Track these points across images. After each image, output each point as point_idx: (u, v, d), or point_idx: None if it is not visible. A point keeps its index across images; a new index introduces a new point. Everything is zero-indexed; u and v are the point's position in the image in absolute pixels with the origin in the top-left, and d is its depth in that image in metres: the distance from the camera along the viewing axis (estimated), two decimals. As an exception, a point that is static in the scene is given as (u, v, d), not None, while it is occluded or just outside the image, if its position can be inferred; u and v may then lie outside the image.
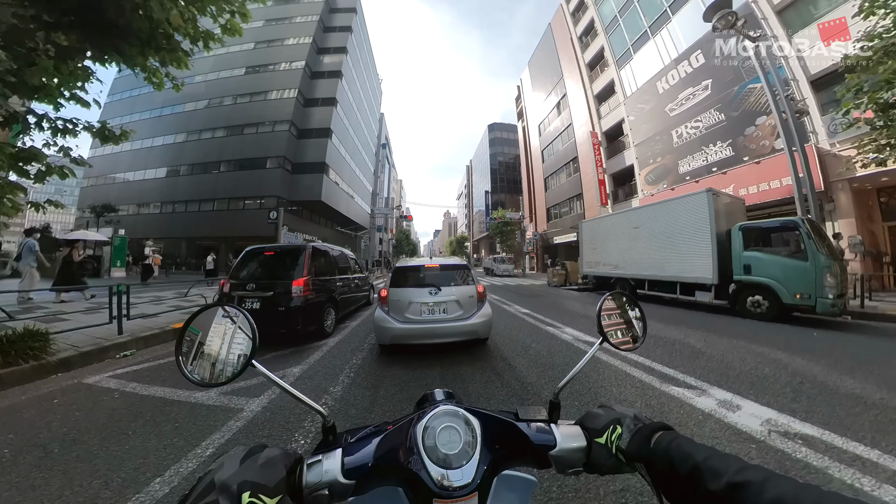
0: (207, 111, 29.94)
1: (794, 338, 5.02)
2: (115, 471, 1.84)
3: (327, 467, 0.42)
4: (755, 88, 12.59)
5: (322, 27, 33.00)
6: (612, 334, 0.68)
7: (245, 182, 27.10)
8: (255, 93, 29.44)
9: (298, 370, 3.64)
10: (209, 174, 28.39)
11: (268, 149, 27.49)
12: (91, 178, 32.10)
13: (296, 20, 32.59)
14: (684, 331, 5.47)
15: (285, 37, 31.66)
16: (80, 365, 3.72)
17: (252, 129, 28.44)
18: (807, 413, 2.47)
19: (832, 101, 10.04)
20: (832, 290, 5.83)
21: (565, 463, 0.47)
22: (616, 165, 21.97)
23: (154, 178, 30.05)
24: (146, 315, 5.65)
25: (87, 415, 2.57)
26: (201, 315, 0.54)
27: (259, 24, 31.44)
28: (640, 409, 2.28)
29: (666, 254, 8.80)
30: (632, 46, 20.04)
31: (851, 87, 6.65)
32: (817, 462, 1.87)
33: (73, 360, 3.69)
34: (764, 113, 12.45)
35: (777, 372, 3.41)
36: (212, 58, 29.01)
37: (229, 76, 30.66)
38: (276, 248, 5.61)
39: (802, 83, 11.38)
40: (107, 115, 29.72)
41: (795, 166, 8.63)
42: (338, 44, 33.28)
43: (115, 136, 4.16)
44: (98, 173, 31.04)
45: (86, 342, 4.18)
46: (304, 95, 29.52)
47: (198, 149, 29.12)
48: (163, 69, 4.28)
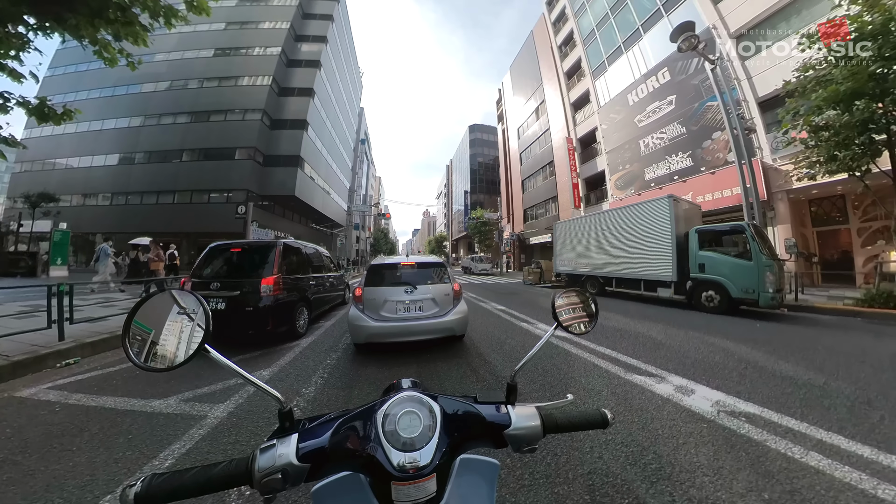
0: (169, 93, 27.56)
1: (740, 328, 5.58)
2: (56, 491, 1.67)
3: (281, 451, 0.42)
4: (713, 106, 13.76)
5: (301, 13, 31.53)
6: (566, 321, 0.75)
7: (211, 173, 25.28)
8: (224, 77, 27.51)
9: (268, 373, 3.48)
10: (169, 163, 26.16)
11: (237, 139, 25.83)
12: (26, 161, 28.49)
13: (272, 2, 30.88)
14: (647, 324, 5.88)
15: (260, 20, 29.88)
16: (10, 377, 3.29)
17: (220, 117, 26.58)
18: (749, 394, 2.76)
19: (775, 122, 11.19)
20: (772, 285, 6.58)
21: (521, 441, 0.50)
22: (589, 170, 23.04)
23: (104, 166, 27.19)
24: (93, 319, 5.03)
25: (20, 432, 2.29)
26: (150, 301, 0.52)
27: (231, 2, 29.46)
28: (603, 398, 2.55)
29: (632, 253, 9.41)
30: (607, 59, 21.09)
31: (790, 110, 7.49)
32: (757, 436, 2.09)
33: (2, 371, 3.26)
34: (719, 128, 13.64)
35: (726, 359, 3.78)
36: (176, 35, 26.72)
37: (196, 57, 28.40)
38: (244, 244, 5.31)
39: (751, 104, 12.61)
40: (46, 90, 26.41)
41: (744, 177, 9.56)
42: (317, 32, 31.97)
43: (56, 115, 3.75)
44: (34, 157, 27.57)
45: (18, 350, 3.70)
46: (278, 84, 28.06)
47: (157, 134, 26.71)
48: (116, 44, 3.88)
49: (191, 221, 24.42)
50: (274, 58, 27.79)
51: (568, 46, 25.99)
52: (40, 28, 3.43)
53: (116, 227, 26.08)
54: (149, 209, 25.78)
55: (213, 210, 24.38)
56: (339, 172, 41.56)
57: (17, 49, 3.39)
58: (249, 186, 24.76)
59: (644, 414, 2.43)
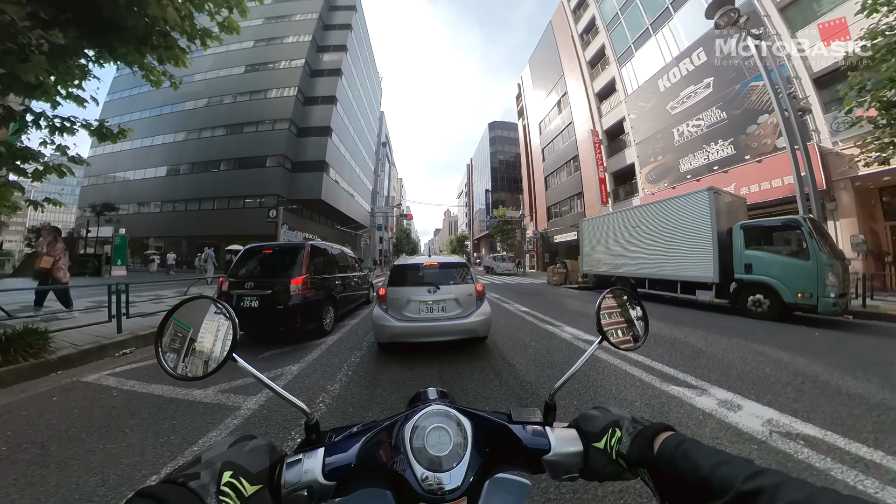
0: (207, 109, 29.92)
1: (795, 337, 4.99)
2: (112, 468, 1.85)
3: (307, 467, 0.41)
4: (757, 86, 12.53)
5: (322, 25, 32.89)
6: (611, 333, 0.64)
7: (245, 181, 27.11)
8: (254, 91, 29.39)
9: (297, 368, 3.64)
10: (209, 173, 28.40)
11: (268, 147, 27.48)
12: (91, 176, 32.14)
13: (295, 18, 32.47)
14: (684, 330, 5.46)
15: (285, 35, 31.57)
16: (79, 363, 3.73)
17: (252, 128, 28.42)
18: (809, 413, 2.43)
19: (835, 100, 9.99)
20: (834, 289, 5.79)
21: (560, 468, 0.45)
22: (617, 164, 21.91)
23: (154, 177, 30.08)
24: (145, 314, 5.65)
25: (85, 412, 2.58)
26: (184, 307, 0.53)
27: (258, 21, 31.34)
28: (637, 410, 2.20)
29: (667, 252, 8.78)
30: (633, 44, 19.94)
31: (854, 86, 6.60)
32: (819, 463, 1.83)
33: (72, 357, 3.70)
34: (766, 111, 12.39)
35: (778, 372, 3.39)
36: (211, 56, 28.96)
37: (229, 74, 30.61)
38: (275, 246, 5.59)
39: (805, 81, 11.31)
40: (106, 113, 29.73)
41: (797, 165, 8.59)
42: (337, 42, 33.17)
43: (112, 134, 4.15)
44: (98, 172, 31.09)
45: (85, 340, 4.18)
46: (303, 94, 29.46)
47: (198, 147, 29.12)
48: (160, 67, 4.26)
49: (228, 225, 26.38)
50: (298, 69, 29.22)
51: (590, 34, 24.88)
52: (97, 58, 3.84)
53: (165, 232, 28.80)
54: (193, 215, 28.16)
55: (248, 214, 26.10)
56: (362, 175, 42.83)
57: (80, 78, 3.81)
58: (279, 191, 26.23)
59: (683, 429, 2.20)
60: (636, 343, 0.65)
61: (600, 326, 0.64)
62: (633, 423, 0.44)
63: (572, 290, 13.41)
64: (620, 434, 0.43)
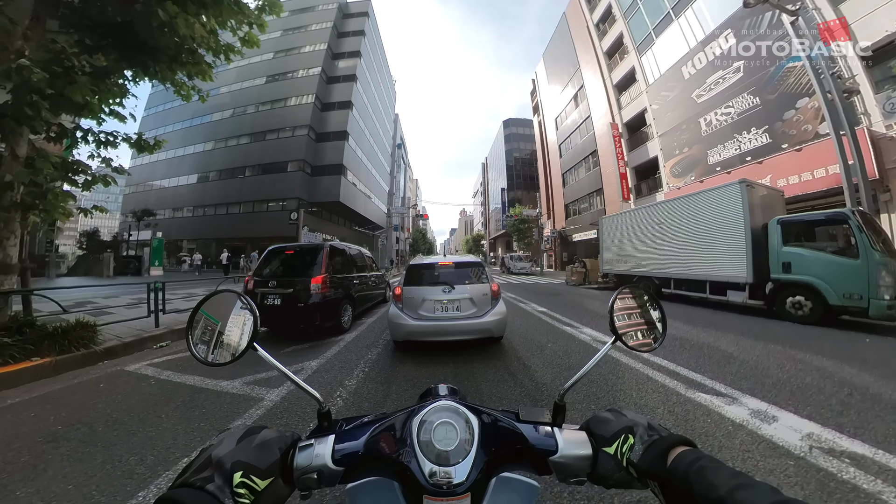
0: (232, 120, 31.61)
1: (841, 343, 4.57)
2: (149, 449, 2.03)
3: (318, 451, 0.43)
4: (795, 67, 11.59)
5: (336, 33, 33.84)
6: (626, 333, 0.61)
7: (268, 185, 28.43)
8: (275, 100, 30.72)
9: (316, 364, 3.79)
10: (235, 179, 30.02)
11: (288, 153, 28.64)
12: (132, 185, 34.82)
13: (311, 28, 33.60)
14: (714, 333, 5.15)
15: (302, 45, 32.75)
16: (122, 354, 4.09)
17: (273, 135, 29.73)
18: (856, 429, 2.20)
19: (888, 78, 9.07)
20: (889, 290, 5.20)
21: (567, 471, 0.44)
22: (638, 158, 21.01)
23: (186, 184, 32.14)
24: (179, 310, 6.09)
25: (127, 398, 2.82)
26: (211, 300, 0.58)
27: (277, 34, 32.67)
28: (658, 417, 2.12)
29: (694, 250, 8.31)
30: (653, 30, 19.04)
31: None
32: (868, 485, 1.65)
33: (116, 349, 4.06)
34: (806, 95, 11.43)
35: (821, 381, 3.09)
36: (234, 69, 30.54)
37: (251, 85, 32.17)
38: (296, 246, 5.84)
39: (851, 58, 10.33)
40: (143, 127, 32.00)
41: (844, 152, 7.86)
42: (351, 48, 34.01)
43: (149, 145, 4.52)
44: (138, 181, 33.61)
45: (128, 333, 4.58)
46: (321, 100, 30.44)
47: (225, 155, 30.84)
48: (189, 82, 4.60)
49: (253, 228, 27.79)
50: (315, 77, 30.26)
51: (606, 23, 23.98)
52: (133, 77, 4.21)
53: (197, 235, 30.68)
54: (221, 219, 29.90)
55: (271, 217, 27.32)
56: (378, 177, 43.64)
57: (120, 97, 4.19)
58: (300, 195, 27.27)
59: (709, 440, 2.09)
60: (654, 344, 0.62)
61: (614, 326, 0.60)
62: (649, 432, 0.42)
63: (592, 290, 13.03)
64: (633, 441, 0.41)
